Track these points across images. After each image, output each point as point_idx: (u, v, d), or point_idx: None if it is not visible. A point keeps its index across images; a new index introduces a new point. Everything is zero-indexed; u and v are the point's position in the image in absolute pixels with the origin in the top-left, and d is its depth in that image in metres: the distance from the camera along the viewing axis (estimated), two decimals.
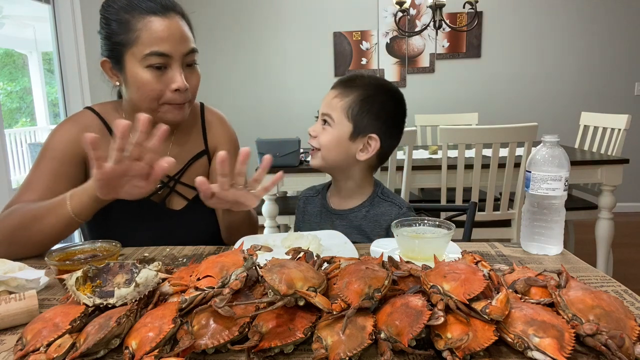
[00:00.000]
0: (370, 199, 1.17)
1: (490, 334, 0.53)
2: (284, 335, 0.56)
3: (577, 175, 2.46)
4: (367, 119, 1.09)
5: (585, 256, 0.99)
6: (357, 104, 1.09)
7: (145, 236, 1.06)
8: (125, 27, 0.99)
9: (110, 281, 0.67)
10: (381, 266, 0.66)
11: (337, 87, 1.13)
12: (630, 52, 4.07)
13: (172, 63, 1.00)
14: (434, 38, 4.13)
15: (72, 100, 2.82)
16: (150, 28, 0.98)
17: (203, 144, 1.20)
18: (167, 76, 1.00)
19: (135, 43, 0.98)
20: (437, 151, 2.76)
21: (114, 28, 1.00)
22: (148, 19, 0.98)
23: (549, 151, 0.87)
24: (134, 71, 1.00)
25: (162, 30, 0.98)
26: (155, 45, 0.97)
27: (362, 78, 1.14)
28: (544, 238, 0.90)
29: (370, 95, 1.10)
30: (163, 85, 1.00)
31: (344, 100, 1.10)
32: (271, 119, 4.35)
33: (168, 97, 1.02)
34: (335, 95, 1.12)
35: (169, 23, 0.99)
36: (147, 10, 0.99)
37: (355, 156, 1.11)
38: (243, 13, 4.24)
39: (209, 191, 0.88)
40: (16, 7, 3.84)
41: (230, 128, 1.27)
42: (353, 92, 1.10)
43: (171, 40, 0.99)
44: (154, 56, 0.98)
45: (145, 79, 0.99)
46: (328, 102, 1.13)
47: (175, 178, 1.16)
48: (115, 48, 1.01)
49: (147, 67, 0.98)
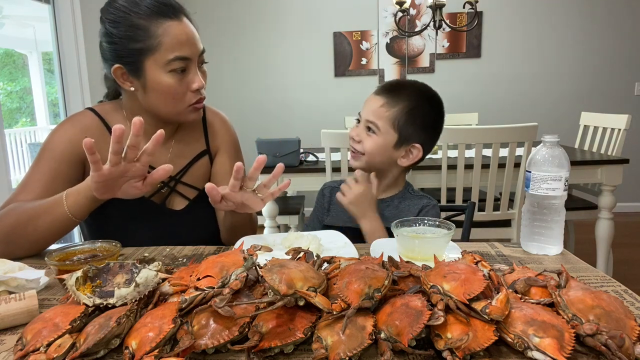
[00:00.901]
0: (401, 194, 1.23)
1: (490, 334, 0.53)
2: (284, 335, 0.56)
3: (577, 175, 2.46)
4: (411, 129, 1.14)
5: (585, 256, 0.99)
6: (404, 115, 1.13)
7: (145, 236, 1.06)
8: (142, 33, 0.97)
9: (110, 281, 0.67)
10: (381, 266, 0.66)
11: (383, 95, 1.16)
12: (630, 52, 4.07)
13: (191, 65, 1.02)
14: (434, 38, 4.13)
15: (72, 100, 2.82)
16: (170, 33, 0.98)
17: (205, 144, 1.20)
18: (188, 78, 1.02)
19: (158, 49, 0.98)
20: (437, 151, 2.76)
21: (127, 33, 0.98)
22: (167, 24, 0.98)
23: (549, 151, 0.87)
24: (156, 77, 1.00)
25: (181, 34, 0.99)
26: (177, 50, 0.98)
27: (408, 87, 1.18)
28: (544, 238, 0.90)
29: (416, 107, 1.14)
30: (184, 88, 1.02)
31: (391, 110, 1.13)
32: (271, 119, 4.35)
33: (189, 98, 1.04)
34: (381, 104, 1.14)
35: (184, 26, 1.00)
36: (162, 14, 0.98)
37: (397, 161, 1.17)
38: (243, 13, 4.24)
39: (219, 196, 0.91)
40: (16, 7, 3.84)
41: (232, 128, 1.27)
42: (400, 102, 1.13)
43: (190, 43, 1.00)
44: (177, 61, 0.99)
45: (170, 83, 1.00)
46: (374, 110, 1.15)
47: (177, 178, 1.16)
48: (132, 55, 0.99)
49: (170, 71, 0.99)
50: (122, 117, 1.12)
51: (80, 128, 1.07)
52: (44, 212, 0.94)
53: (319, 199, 1.33)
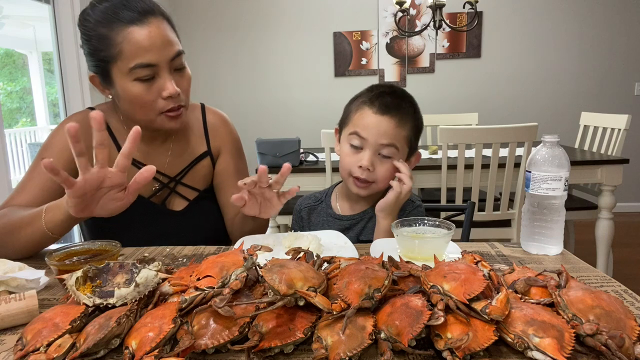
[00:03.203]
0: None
1: (490, 334, 0.53)
2: (284, 335, 0.56)
3: (577, 175, 2.46)
4: (416, 140, 1.12)
5: (585, 256, 0.99)
6: (413, 128, 1.10)
7: (145, 237, 1.06)
8: (106, 43, 0.95)
9: (110, 281, 0.67)
10: (381, 266, 0.66)
11: (393, 115, 1.06)
12: (630, 52, 4.07)
13: (160, 71, 0.97)
14: (434, 38, 4.13)
15: (72, 100, 2.82)
16: (130, 40, 0.93)
17: (205, 145, 1.20)
18: (157, 85, 0.98)
19: (119, 57, 0.94)
20: (437, 151, 2.77)
21: (95, 44, 0.97)
22: (127, 31, 0.94)
23: (549, 151, 0.87)
24: (122, 86, 0.97)
25: (143, 40, 0.94)
26: (138, 58, 0.94)
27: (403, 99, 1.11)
28: (544, 238, 0.90)
29: (419, 117, 1.12)
30: (154, 95, 0.98)
31: (405, 128, 1.08)
32: (271, 119, 4.35)
33: (162, 105, 1.00)
34: (395, 125, 1.06)
35: (149, 30, 0.95)
36: (125, 20, 0.94)
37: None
38: (243, 13, 4.24)
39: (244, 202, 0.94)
40: (16, 7, 3.84)
41: (233, 128, 1.26)
42: (409, 119, 1.09)
43: (154, 48, 0.95)
44: (140, 68, 0.94)
45: (135, 92, 0.97)
46: (389, 132, 1.05)
47: (177, 179, 1.16)
48: (100, 64, 0.98)
49: (135, 80, 0.96)
50: (117, 118, 1.12)
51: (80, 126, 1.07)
52: (26, 224, 0.91)
53: (297, 222, 1.24)
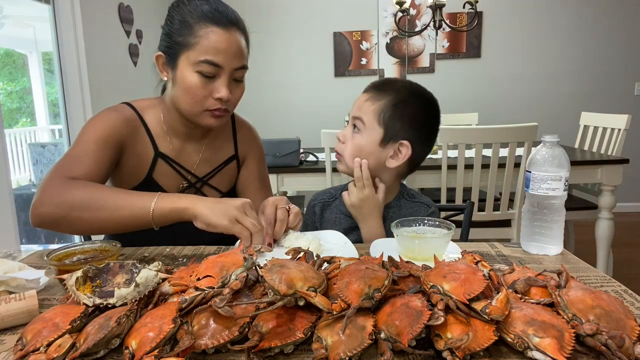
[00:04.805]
0: (396, 200, 1.15)
1: (490, 334, 0.53)
2: (284, 335, 0.56)
3: (577, 175, 2.46)
4: (399, 124, 1.06)
5: (585, 256, 0.99)
6: (389, 108, 1.06)
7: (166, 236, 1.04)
8: (187, 31, 1.02)
9: (110, 281, 0.67)
10: (381, 266, 0.66)
11: (369, 91, 1.11)
12: (630, 52, 4.07)
13: (222, 74, 1.03)
14: (434, 38, 4.13)
15: (72, 100, 2.81)
16: (210, 37, 1.00)
17: (233, 149, 1.25)
18: (214, 85, 1.03)
19: (193, 48, 1.01)
20: (437, 151, 2.76)
21: (177, 27, 1.03)
22: (211, 29, 1.01)
23: (549, 151, 0.87)
24: (184, 72, 1.02)
25: (221, 42, 1.01)
26: (210, 55, 1.00)
27: (396, 82, 1.13)
28: (544, 238, 0.90)
29: (403, 100, 1.07)
30: (208, 92, 1.03)
31: (376, 104, 1.07)
32: (271, 119, 4.34)
33: (210, 103, 1.05)
34: (367, 99, 1.09)
35: (229, 36, 1.02)
36: (212, 20, 1.02)
37: (385, 163, 1.08)
38: (243, 13, 4.20)
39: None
40: (16, 7, 3.84)
41: (258, 136, 1.33)
42: (385, 96, 1.07)
43: (227, 53, 1.02)
44: (206, 64, 1.00)
45: (193, 82, 1.02)
46: (359, 106, 1.10)
47: (204, 180, 1.19)
48: (172, 46, 1.04)
49: (197, 72, 1.01)
50: (155, 114, 1.14)
51: (120, 115, 1.09)
52: (120, 207, 0.93)
53: (310, 216, 1.23)
